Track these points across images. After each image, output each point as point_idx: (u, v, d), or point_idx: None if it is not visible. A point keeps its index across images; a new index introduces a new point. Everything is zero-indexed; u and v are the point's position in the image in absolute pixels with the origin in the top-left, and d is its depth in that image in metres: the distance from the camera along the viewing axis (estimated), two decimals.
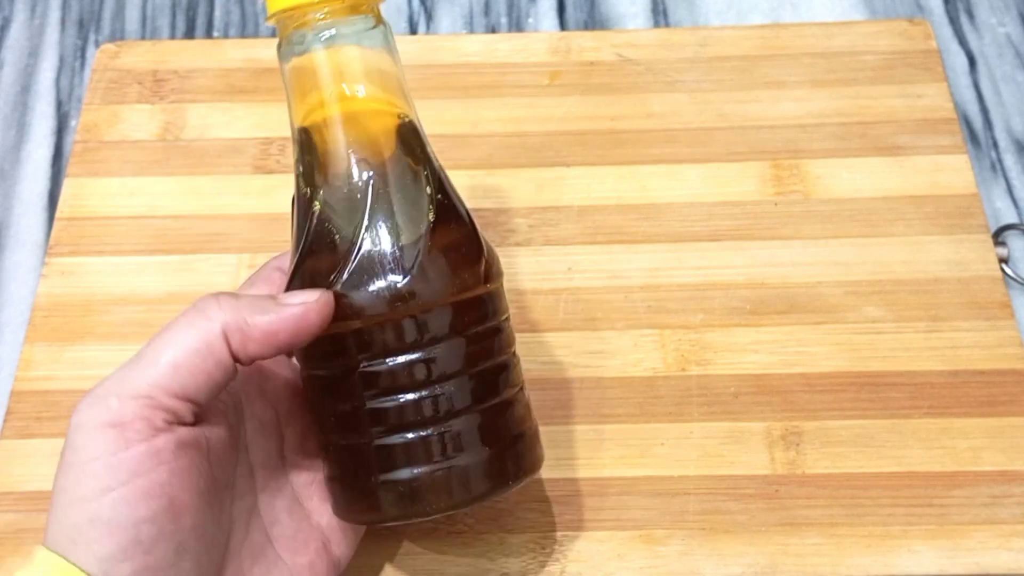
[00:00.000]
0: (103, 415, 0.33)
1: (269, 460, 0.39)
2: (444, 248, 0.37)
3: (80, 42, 0.60)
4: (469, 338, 0.37)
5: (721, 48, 0.57)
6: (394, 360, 0.36)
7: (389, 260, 0.36)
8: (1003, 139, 0.56)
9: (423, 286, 0.36)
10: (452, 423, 0.37)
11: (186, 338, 0.34)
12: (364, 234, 0.36)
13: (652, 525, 0.44)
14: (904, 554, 0.43)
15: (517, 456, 0.38)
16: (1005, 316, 0.48)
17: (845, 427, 0.46)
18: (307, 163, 0.38)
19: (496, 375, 0.38)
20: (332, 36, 0.37)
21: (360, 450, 0.37)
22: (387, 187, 0.37)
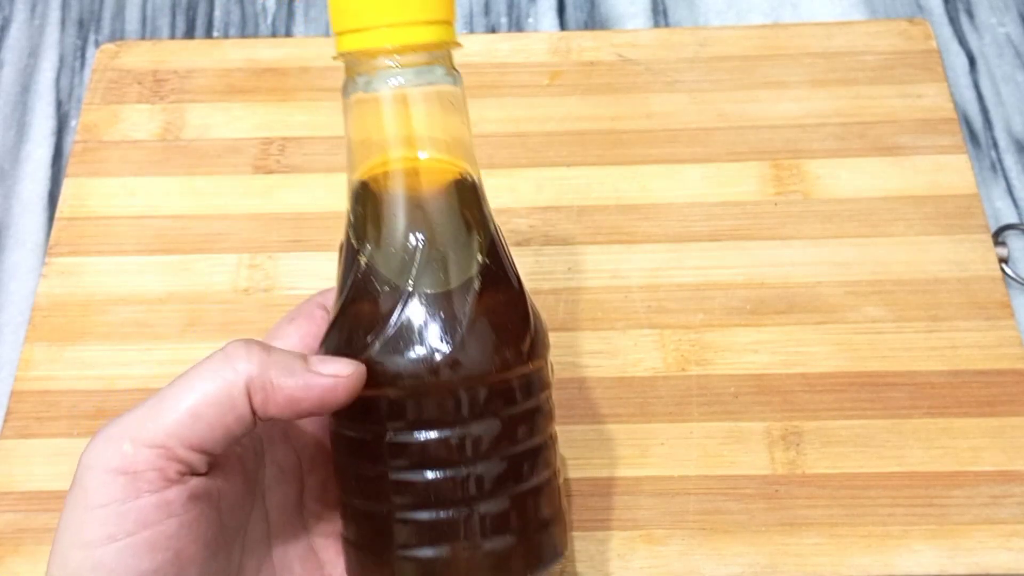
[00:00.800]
0: (115, 460, 0.32)
1: (287, 506, 0.38)
2: (490, 321, 0.34)
3: (80, 42, 0.60)
4: (505, 419, 0.35)
5: (721, 48, 0.57)
6: (424, 434, 0.34)
7: (430, 329, 0.34)
8: (1003, 139, 0.56)
9: (463, 361, 0.34)
10: (478, 506, 0.34)
11: (209, 387, 0.33)
12: (407, 300, 0.34)
13: (652, 525, 0.44)
14: (904, 554, 0.43)
15: (540, 545, 0.36)
16: (1005, 316, 0.48)
17: (845, 427, 0.46)
18: (358, 214, 0.36)
19: (529, 458, 0.36)
20: (402, 84, 0.34)
21: (380, 519, 0.35)
22: (437, 251, 0.35)
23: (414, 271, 0.34)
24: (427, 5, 0.34)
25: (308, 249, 0.51)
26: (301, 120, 0.55)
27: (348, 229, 0.36)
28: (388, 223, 0.35)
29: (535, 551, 0.36)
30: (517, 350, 0.35)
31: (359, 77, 0.35)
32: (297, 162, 0.54)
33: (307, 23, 0.61)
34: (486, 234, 0.36)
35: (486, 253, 0.36)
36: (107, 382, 0.48)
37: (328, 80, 0.56)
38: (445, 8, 0.35)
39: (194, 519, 0.33)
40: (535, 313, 0.37)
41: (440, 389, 0.34)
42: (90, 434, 0.46)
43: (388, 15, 0.34)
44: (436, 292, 0.34)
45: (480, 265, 0.35)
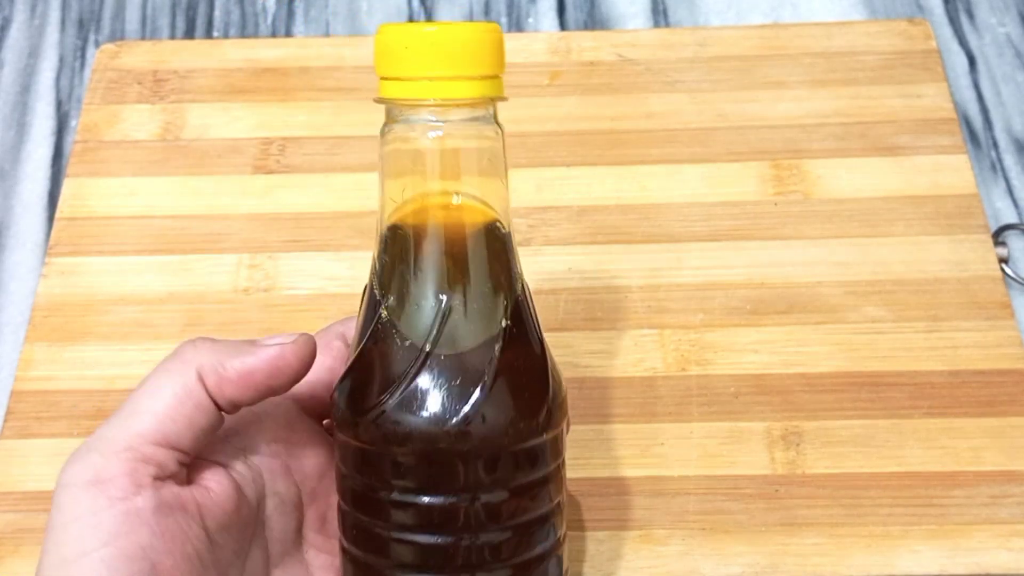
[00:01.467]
0: (86, 472, 0.32)
1: (286, 537, 0.37)
2: (506, 390, 0.33)
3: (80, 42, 0.60)
4: (513, 489, 0.34)
5: (721, 48, 0.57)
6: (428, 498, 0.33)
7: (447, 392, 0.33)
8: (1003, 139, 0.55)
9: (475, 430, 0.33)
10: (478, 573, 0.34)
11: (163, 385, 0.33)
12: (424, 360, 0.33)
13: (652, 525, 0.44)
14: (904, 554, 0.43)
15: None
16: (1005, 316, 0.48)
17: (845, 427, 0.46)
18: (384, 263, 0.35)
19: (535, 527, 0.35)
20: (440, 136, 0.34)
21: (376, 573, 0.35)
22: (461, 309, 0.34)
23: (434, 332, 0.34)
24: (475, 60, 0.33)
25: (308, 249, 0.51)
26: (301, 120, 0.55)
27: (372, 276, 0.35)
28: (414, 274, 0.34)
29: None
30: (532, 421, 0.34)
31: (398, 124, 0.34)
32: (297, 162, 0.54)
33: (307, 23, 0.61)
34: (512, 295, 0.35)
35: (510, 316, 0.35)
36: (107, 382, 0.48)
37: (328, 80, 0.56)
38: (493, 62, 0.34)
39: (169, 530, 0.32)
40: (555, 378, 0.36)
41: (448, 456, 0.33)
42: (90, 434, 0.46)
43: (434, 68, 0.33)
44: (454, 355, 0.33)
45: (503, 329, 0.34)
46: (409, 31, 0.33)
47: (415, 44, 0.33)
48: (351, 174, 0.53)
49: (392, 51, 0.33)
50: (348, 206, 0.52)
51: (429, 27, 0.34)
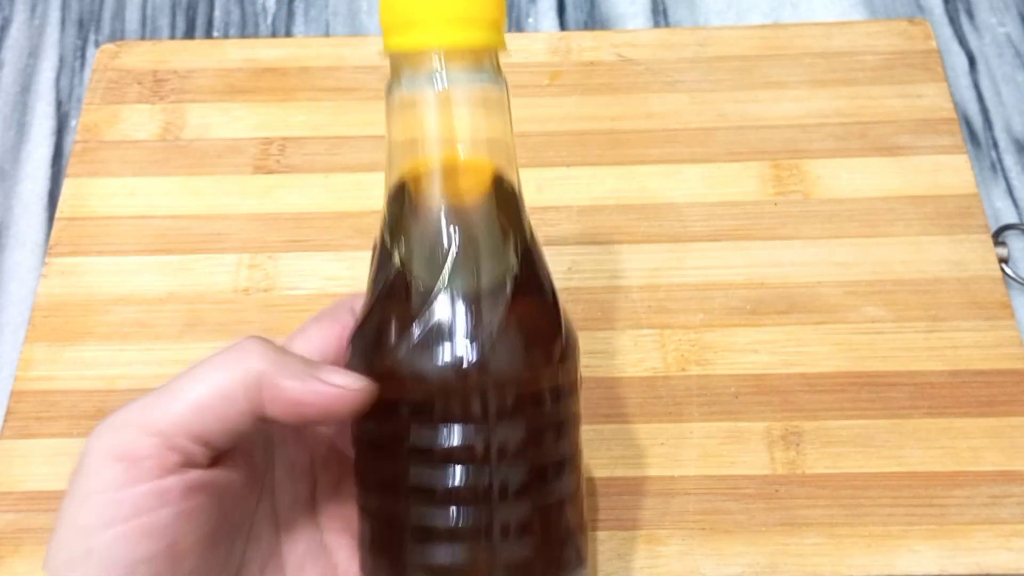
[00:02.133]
0: (117, 446, 0.32)
1: (297, 504, 0.37)
2: (520, 327, 0.34)
3: (80, 42, 0.60)
4: (531, 426, 0.34)
5: (721, 48, 0.57)
6: (446, 436, 0.33)
7: (460, 332, 0.33)
8: (1003, 139, 0.55)
9: (491, 365, 0.33)
10: (498, 512, 0.34)
11: (218, 379, 0.33)
12: (438, 300, 0.34)
13: (652, 525, 0.44)
14: (904, 554, 0.43)
15: (563, 555, 0.36)
16: (1005, 316, 0.48)
17: (845, 427, 0.46)
18: (395, 214, 0.35)
19: (554, 466, 0.35)
20: (447, 85, 0.34)
21: (398, 523, 0.35)
22: (471, 255, 0.34)
23: (447, 272, 0.34)
24: (477, 5, 0.34)
25: (308, 249, 0.51)
26: (301, 120, 0.55)
27: (383, 228, 0.36)
28: (423, 223, 0.35)
29: (556, 561, 0.35)
30: (546, 357, 0.35)
31: (404, 76, 0.35)
32: (297, 162, 0.54)
33: (307, 23, 0.61)
34: (521, 239, 0.36)
35: (520, 258, 0.35)
36: (107, 382, 0.48)
37: (328, 80, 0.56)
38: (495, 9, 0.34)
39: (191, 510, 0.32)
40: (567, 321, 0.36)
41: (466, 392, 0.33)
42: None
43: (438, 13, 0.33)
44: (467, 294, 0.34)
45: (514, 270, 0.35)
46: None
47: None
48: (351, 174, 0.53)
49: (396, 3, 0.34)
50: (348, 206, 0.52)
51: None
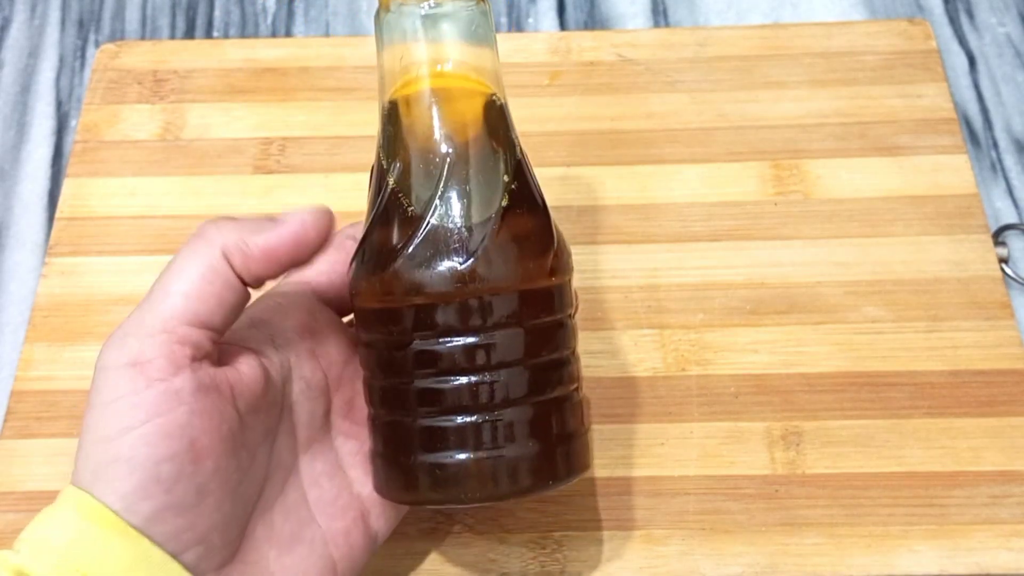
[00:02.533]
0: (124, 355, 0.34)
1: (314, 422, 0.39)
2: (513, 235, 0.36)
3: (80, 42, 0.60)
4: (528, 329, 0.36)
5: (721, 48, 0.57)
6: (448, 341, 0.35)
7: (455, 240, 0.35)
8: (1003, 139, 0.56)
9: (486, 270, 0.35)
10: (500, 413, 0.36)
11: (190, 266, 0.34)
12: (434, 211, 0.35)
13: (652, 525, 0.44)
14: (904, 554, 0.43)
15: (565, 456, 0.37)
16: (1005, 316, 0.48)
17: (845, 427, 0.46)
18: (389, 135, 0.37)
19: (551, 370, 0.37)
20: (433, 11, 0.36)
21: (404, 427, 0.36)
22: (463, 167, 0.36)
23: (441, 184, 0.36)
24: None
25: None
26: (301, 120, 0.55)
27: (378, 150, 0.38)
28: (416, 139, 0.36)
29: (557, 462, 0.37)
30: (540, 263, 0.36)
31: (393, 4, 0.36)
32: (297, 162, 0.54)
33: (307, 23, 0.61)
34: (512, 154, 0.38)
35: (512, 172, 0.37)
36: None
37: (328, 80, 0.56)
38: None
39: (206, 410, 0.33)
40: (559, 233, 0.38)
41: (463, 296, 0.35)
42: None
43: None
44: (462, 204, 0.36)
45: (505, 182, 0.37)
46: None
47: None
48: (351, 174, 0.53)
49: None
50: (348, 206, 0.52)
51: None
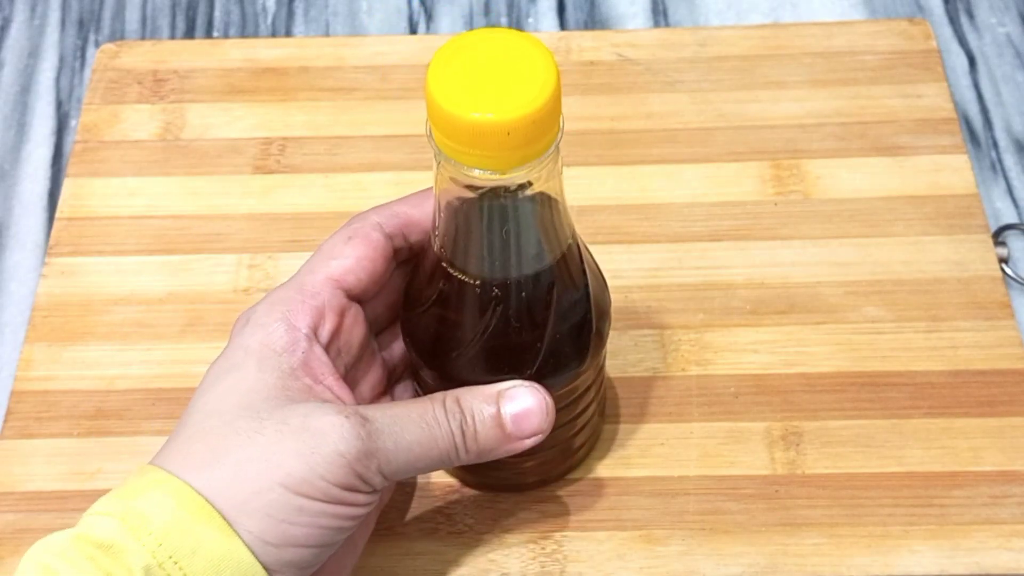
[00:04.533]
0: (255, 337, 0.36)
1: None
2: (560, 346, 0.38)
3: (80, 42, 0.60)
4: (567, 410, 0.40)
5: (721, 48, 0.57)
6: None
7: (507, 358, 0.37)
8: (1003, 139, 0.56)
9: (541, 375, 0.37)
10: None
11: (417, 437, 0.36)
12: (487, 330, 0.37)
13: (652, 525, 0.44)
14: (904, 554, 0.43)
15: None
16: (1005, 316, 0.48)
17: (845, 427, 0.46)
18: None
19: (575, 415, 0.41)
20: (524, 185, 0.33)
21: None
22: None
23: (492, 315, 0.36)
24: (527, 135, 0.32)
25: (308, 249, 0.51)
26: (301, 120, 0.55)
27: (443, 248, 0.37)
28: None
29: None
30: (580, 359, 0.39)
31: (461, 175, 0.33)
32: (297, 162, 0.54)
33: (307, 23, 0.61)
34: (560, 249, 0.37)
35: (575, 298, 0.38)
36: (107, 382, 0.48)
37: (328, 80, 0.56)
38: (548, 128, 0.33)
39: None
40: (596, 311, 0.39)
41: None
42: (90, 434, 0.47)
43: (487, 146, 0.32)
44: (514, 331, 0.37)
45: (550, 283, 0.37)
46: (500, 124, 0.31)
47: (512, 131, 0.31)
48: (351, 174, 0.53)
49: (446, 114, 0.31)
50: (348, 206, 0.52)
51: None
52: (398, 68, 0.57)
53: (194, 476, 0.33)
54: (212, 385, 0.36)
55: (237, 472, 0.33)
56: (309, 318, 0.36)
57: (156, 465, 0.34)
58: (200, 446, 0.34)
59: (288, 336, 0.36)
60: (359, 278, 0.38)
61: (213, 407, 0.35)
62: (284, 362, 0.35)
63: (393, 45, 0.58)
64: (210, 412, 0.35)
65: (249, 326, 0.37)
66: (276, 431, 0.33)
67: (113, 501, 0.33)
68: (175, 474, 0.33)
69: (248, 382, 0.35)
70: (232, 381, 0.35)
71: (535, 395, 0.36)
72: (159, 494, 0.33)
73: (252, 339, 0.36)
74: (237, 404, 0.34)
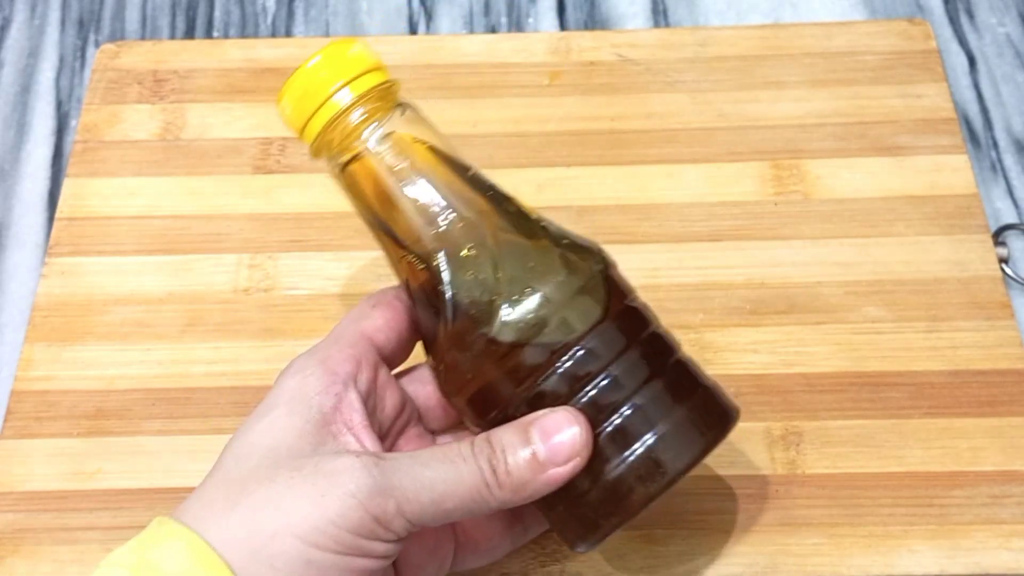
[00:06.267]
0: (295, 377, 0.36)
1: None
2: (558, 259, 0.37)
3: (80, 42, 0.60)
4: (614, 318, 0.37)
5: (721, 48, 0.57)
6: (559, 369, 0.36)
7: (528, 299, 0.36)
8: (1003, 139, 0.55)
9: (563, 302, 0.36)
10: (636, 398, 0.36)
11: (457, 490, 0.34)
12: (502, 287, 0.36)
13: (652, 525, 0.44)
14: (904, 554, 0.43)
15: (715, 401, 0.38)
16: (1005, 316, 0.48)
17: (845, 427, 0.46)
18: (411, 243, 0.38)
19: (653, 344, 0.38)
20: (382, 129, 0.38)
21: None
22: (500, 237, 0.37)
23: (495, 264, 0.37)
24: (357, 60, 0.38)
25: (308, 249, 0.51)
26: None
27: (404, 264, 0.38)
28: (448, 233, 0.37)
29: (714, 410, 0.38)
30: (587, 258, 0.38)
31: (343, 148, 0.38)
32: (297, 162, 0.54)
33: (307, 23, 0.61)
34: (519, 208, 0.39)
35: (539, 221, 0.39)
36: (107, 382, 0.48)
37: None
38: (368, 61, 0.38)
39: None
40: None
41: (551, 339, 0.36)
42: (90, 434, 0.46)
43: (334, 79, 0.37)
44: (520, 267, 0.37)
45: (540, 227, 0.39)
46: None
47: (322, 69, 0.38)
48: None
49: (300, 94, 0.38)
50: (348, 206, 0.52)
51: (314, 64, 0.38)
52: (398, 68, 0.56)
53: (209, 526, 0.32)
54: (244, 431, 0.35)
55: (248, 520, 0.32)
56: (348, 365, 0.36)
57: (175, 516, 0.33)
58: (219, 493, 0.34)
59: (325, 379, 0.35)
60: (388, 337, 0.38)
61: (241, 452, 0.35)
62: (315, 406, 0.35)
63: (393, 45, 0.58)
64: (237, 458, 0.34)
65: (288, 372, 0.36)
66: (289, 477, 0.33)
67: (127, 553, 0.33)
68: (190, 525, 0.33)
69: (277, 428, 0.35)
70: (262, 427, 0.35)
71: (567, 417, 0.35)
72: (172, 546, 0.32)
73: (289, 383, 0.36)
74: (261, 451, 0.34)
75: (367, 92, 0.38)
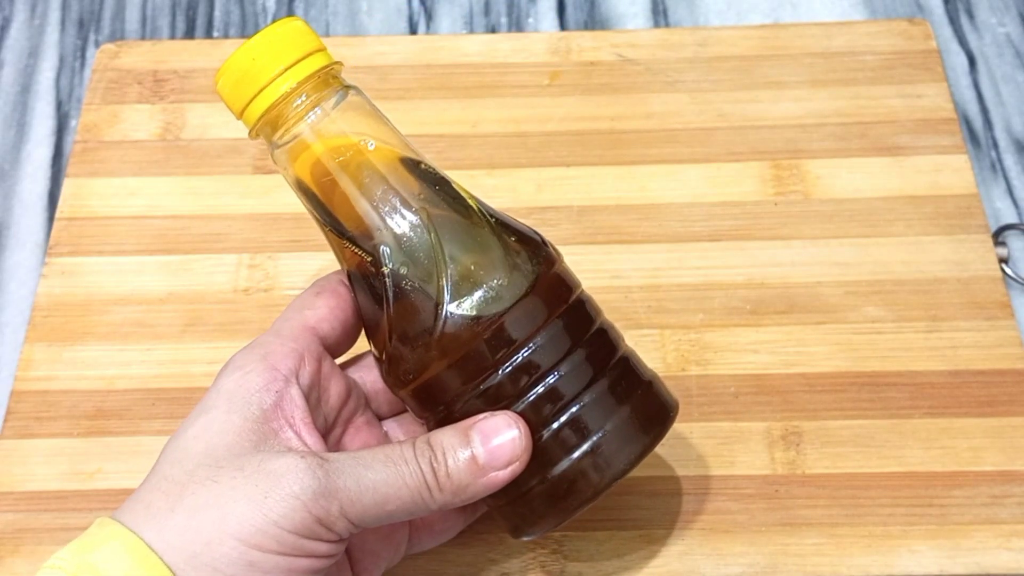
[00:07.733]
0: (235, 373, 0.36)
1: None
2: (506, 248, 0.37)
3: (80, 42, 0.60)
4: (562, 317, 0.37)
5: (721, 48, 0.57)
6: (504, 368, 0.36)
7: (484, 283, 0.36)
8: (1003, 139, 0.56)
9: (506, 297, 0.36)
10: (581, 399, 0.36)
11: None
12: (446, 276, 0.36)
13: (652, 525, 0.44)
14: (904, 554, 0.43)
15: (658, 397, 0.38)
16: (1005, 316, 0.48)
17: (845, 427, 0.46)
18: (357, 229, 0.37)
19: (598, 342, 0.38)
20: (323, 113, 0.37)
21: None
22: (439, 218, 0.36)
23: (437, 246, 0.36)
24: (299, 41, 0.37)
25: (308, 249, 0.51)
26: None
27: (346, 252, 0.38)
28: (389, 215, 0.37)
29: (655, 406, 0.38)
30: (539, 257, 0.38)
31: (286, 130, 0.37)
32: None
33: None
34: (457, 193, 0.38)
35: (478, 204, 0.38)
36: (107, 382, 0.48)
37: None
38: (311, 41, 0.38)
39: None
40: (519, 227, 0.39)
41: (495, 329, 0.36)
42: (90, 434, 0.46)
43: (276, 62, 0.37)
44: (463, 253, 0.37)
45: (479, 214, 0.37)
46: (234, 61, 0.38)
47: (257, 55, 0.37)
48: None
49: (239, 79, 0.38)
50: None
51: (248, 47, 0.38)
52: (398, 68, 0.57)
53: (149, 527, 0.32)
54: (183, 430, 0.35)
55: (189, 522, 0.32)
56: (290, 360, 0.36)
57: (115, 517, 0.33)
58: (158, 495, 0.33)
59: (266, 376, 0.35)
60: (333, 327, 0.38)
61: (179, 454, 0.34)
62: (255, 403, 0.35)
63: (393, 45, 0.58)
64: (175, 459, 0.34)
65: (228, 368, 0.36)
66: (231, 478, 0.33)
67: (68, 555, 0.32)
68: (131, 526, 0.32)
69: (215, 427, 0.34)
70: (200, 425, 0.34)
71: (507, 421, 0.35)
72: (112, 548, 0.32)
73: (228, 380, 0.35)
74: (200, 451, 0.34)
75: (307, 77, 0.37)
